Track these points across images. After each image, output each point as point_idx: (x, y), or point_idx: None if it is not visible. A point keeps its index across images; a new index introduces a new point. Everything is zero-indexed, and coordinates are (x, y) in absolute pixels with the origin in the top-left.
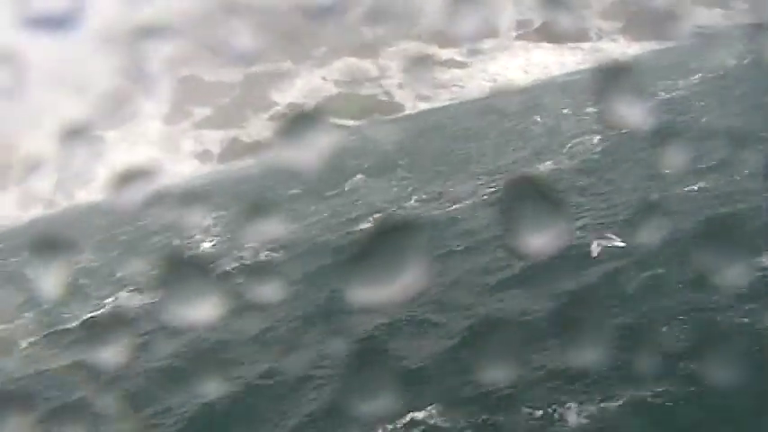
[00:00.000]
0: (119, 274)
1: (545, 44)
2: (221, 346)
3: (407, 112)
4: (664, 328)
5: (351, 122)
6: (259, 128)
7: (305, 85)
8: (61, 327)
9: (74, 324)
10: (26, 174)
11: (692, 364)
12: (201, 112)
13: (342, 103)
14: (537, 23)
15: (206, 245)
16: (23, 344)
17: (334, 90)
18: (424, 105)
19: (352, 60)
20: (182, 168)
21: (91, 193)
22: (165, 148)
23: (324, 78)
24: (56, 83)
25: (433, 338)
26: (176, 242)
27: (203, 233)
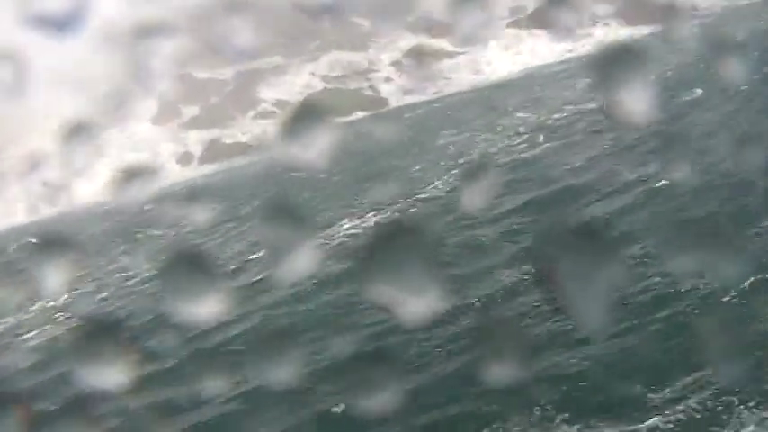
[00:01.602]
0: None
1: (537, 31)
2: (221, 344)
3: (392, 106)
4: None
5: (335, 119)
6: (243, 128)
7: (293, 82)
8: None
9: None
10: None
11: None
12: (190, 111)
13: (327, 99)
14: (530, 9)
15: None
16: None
17: (321, 85)
18: (408, 100)
19: (342, 54)
20: (162, 172)
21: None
22: (148, 150)
23: (312, 74)
24: (56, 83)
25: (436, 338)
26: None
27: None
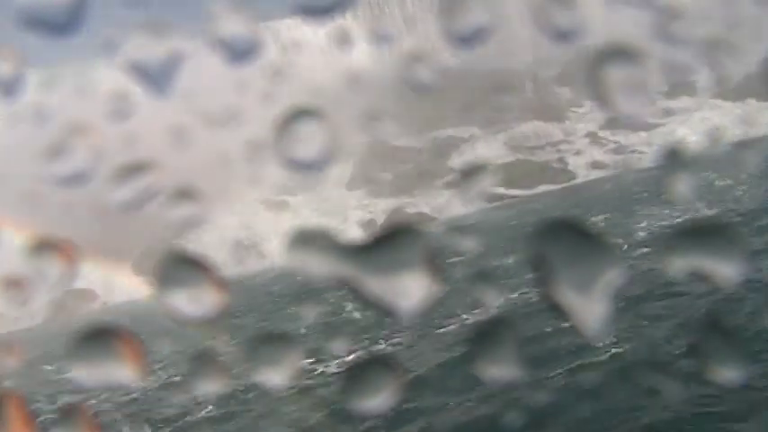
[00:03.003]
0: None
1: (747, 101)
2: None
3: (578, 180)
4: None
5: (517, 192)
6: (428, 197)
7: (484, 151)
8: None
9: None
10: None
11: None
12: (382, 177)
13: (513, 170)
14: (738, 77)
15: None
16: None
17: (511, 156)
18: (596, 174)
19: (538, 124)
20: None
21: (261, 260)
22: (338, 215)
23: (505, 143)
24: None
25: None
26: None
27: None
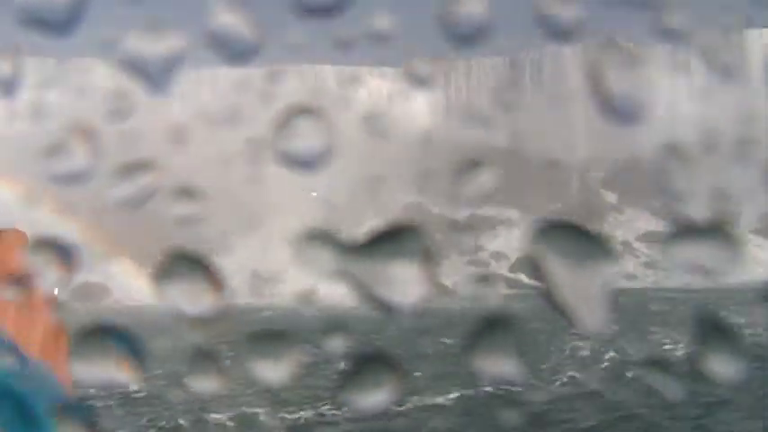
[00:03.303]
0: None
1: None
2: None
3: None
4: None
5: (539, 284)
6: (451, 270)
7: (518, 237)
8: None
9: None
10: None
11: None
12: None
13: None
14: None
15: None
16: None
17: None
18: (623, 284)
19: (576, 222)
20: None
21: (274, 296)
22: None
23: None
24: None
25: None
26: None
27: None
